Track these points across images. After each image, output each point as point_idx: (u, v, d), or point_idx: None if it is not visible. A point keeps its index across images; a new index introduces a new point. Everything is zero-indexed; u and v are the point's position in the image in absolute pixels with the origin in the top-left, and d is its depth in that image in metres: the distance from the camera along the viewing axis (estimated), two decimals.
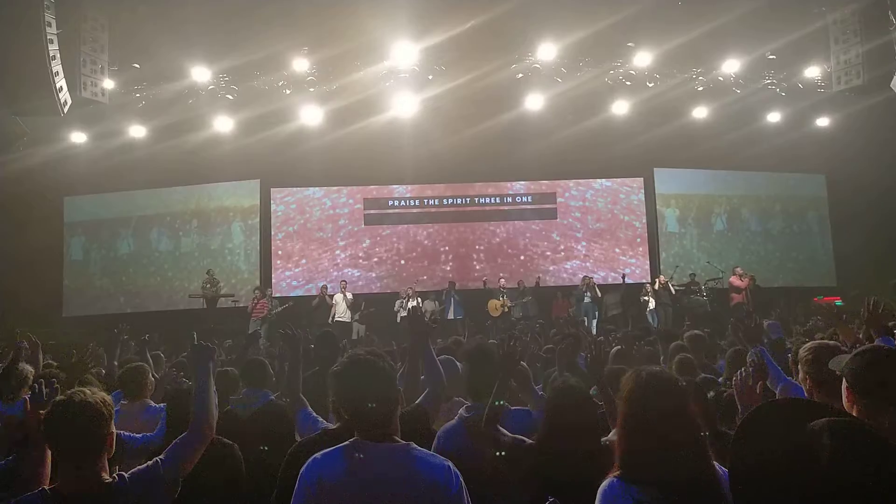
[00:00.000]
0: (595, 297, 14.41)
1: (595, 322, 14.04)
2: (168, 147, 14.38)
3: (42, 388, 2.65)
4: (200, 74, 12.96)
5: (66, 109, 10.76)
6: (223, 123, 14.14)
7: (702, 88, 14.50)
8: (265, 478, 2.91)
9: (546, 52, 13.06)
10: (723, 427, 2.96)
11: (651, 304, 14.31)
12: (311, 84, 13.66)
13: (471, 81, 13.30)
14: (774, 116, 15.24)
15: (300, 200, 16.41)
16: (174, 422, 3.09)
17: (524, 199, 16.84)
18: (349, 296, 14.22)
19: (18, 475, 2.46)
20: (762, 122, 15.35)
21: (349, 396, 2.16)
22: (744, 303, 13.89)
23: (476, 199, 16.77)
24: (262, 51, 12.46)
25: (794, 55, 13.55)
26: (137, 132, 14.26)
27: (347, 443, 2.12)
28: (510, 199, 16.82)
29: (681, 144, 15.34)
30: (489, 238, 16.62)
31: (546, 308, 14.78)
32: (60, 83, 10.44)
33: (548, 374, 4.77)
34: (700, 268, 15.79)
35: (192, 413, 2.57)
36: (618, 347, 5.27)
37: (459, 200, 16.73)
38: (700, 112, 14.88)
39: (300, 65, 13.03)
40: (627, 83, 14.23)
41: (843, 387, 2.18)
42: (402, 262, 16.36)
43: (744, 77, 14.22)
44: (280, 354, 6.22)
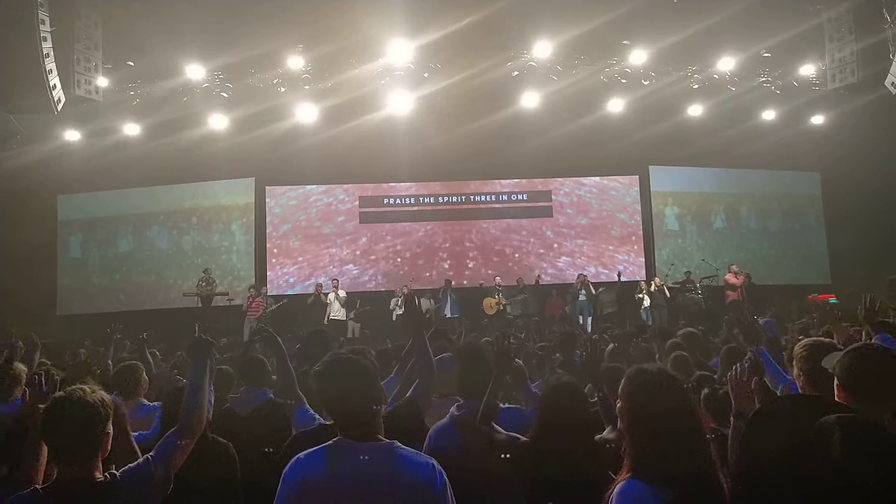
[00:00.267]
0: (590, 295, 14.43)
1: (590, 320, 14.06)
2: (162, 145, 14.29)
3: (42, 381, 2.64)
4: (195, 72, 12.92)
5: (60, 107, 10.73)
6: (218, 121, 14.10)
7: (697, 86, 14.50)
8: (266, 476, 2.90)
9: (541, 50, 13.06)
10: (716, 425, 2.97)
11: (646, 302, 14.33)
12: (307, 82, 13.62)
13: (466, 79, 13.26)
14: (769, 114, 15.25)
15: (295, 198, 16.38)
16: (169, 420, 3.08)
17: (519, 197, 16.84)
18: (342, 294, 14.20)
19: (14, 473, 2.45)
20: (757, 120, 15.36)
21: (331, 396, 2.16)
22: (739, 300, 13.89)
23: (472, 197, 16.76)
24: (257, 48, 12.41)
25: (789, 53, 13.57)
26: (131, 130, 14.20)
27: (331, 442, 2.12)
28: (505, 197, 16.82)
29: (676, 142, 15.34)
30: (484, 236, 16.62)
31: (541, 306, 14.81)
32: (54, 81, 10.41)
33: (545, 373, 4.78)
34: (695, 265, 15.81)
35: (183, 408, 2.54)
36: (612, 345, 5.28)
37: (455, 198, 16.72)
38: (695, 110, 14.88)
39: (295, 62, 12.99)
40: (623, 81, 14.22)
41: (835, 384, 2.20)
42: (398, 261, 16.34)
43: (739, 75, 14.23)
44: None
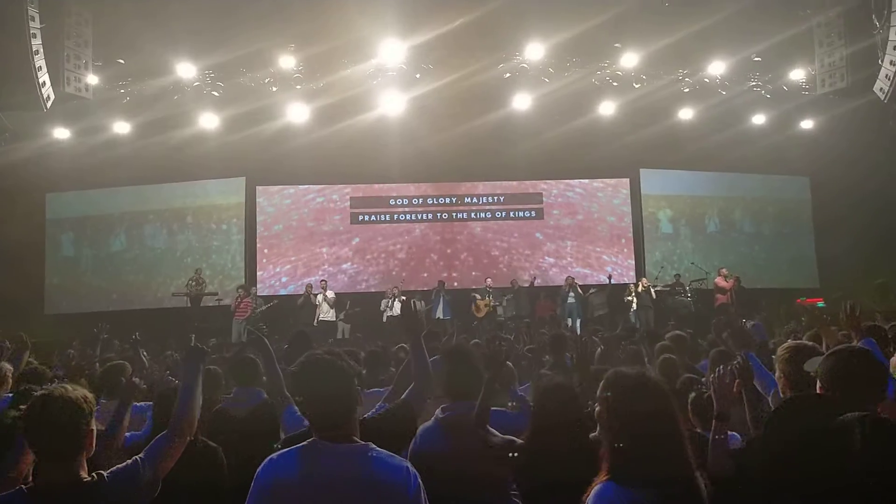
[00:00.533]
0: (578, 297, 14.44)
1: (579, 322, 14.08)
2: (153, 144, 14.20)
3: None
4: (186, 70, 12.88)
5: (49, 105, 10.69)
6: (208, 120, 14.04)
7: (688, 90, 14.58)
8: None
9: (533, 52, 13.09)
10: (702, 428, 2.98)
11: (635, 305, 14.35)
12: (298, 81, 13.61)
13: (458, 80, 13.27)
14: (759, 118, 15.31)
15: (286, 198, 16.32)
16: (162, 421, 3.07)
17: (511, 199, 16.84)
18: (330, 294, 14.14)
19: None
20: (747, 124, 15.41)
21: (306, 396, 2.15)
22: (728, 304, 13.94)
23: (463, 199, 16.76)
24: (249, 47, 12.39)
25: (779, 57, 13.67)
26: (121, 128, 14.10)
27: (305, 443, 2.11)
28: (497, 199, 16.82)
29: (667, 145, 15.38)
30: (475, 237, 16.60)
31: (532, 308, 14.80)
32: (43, 78, 10.37)
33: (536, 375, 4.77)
34: (685, 269, 15.87)
35: (174, 411, 2.55)
36: (600, 348, 5.29)
37: (446, 200, 16.71)
38: (686, 113, 14.94)
39: (287, 62, 12.98)
40: (614, 84, 14.28)
41: (817, 387, 2.22)
42: (389, 261, 16.31)
43: (729, 79, 14.31)
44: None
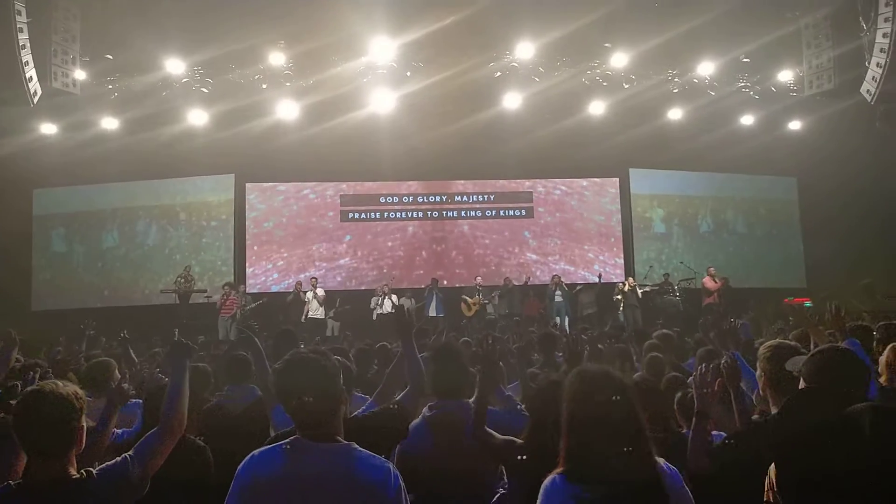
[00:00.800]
0: (565, 295, 14.45)
1: (567, 320, 14.11)
2: (141, 140, 14.09)
3: (34, 378, 2.61)
4: (174, 66, 12.80)
5: (36, 100, 10.61)
6: (197, 117, 13.95)
7: (677, 90, 14.63)
8: None
9: (524, 51, 13.11)
10: (687, 428, 2.99)
11: (622, 305, 14.40)
12: (288, 78, 13.55)
13: (449, 79, 13.26)
14: (748, 119, 15.39)
15: (276, 196, 16.28)
16: (150, 418, 3.06)
17: (500, 198, 16.86)
18: (320, 292, 14.09)
19: None
20: (736, 125, 15.47)
21: (289, 394, 2.14)
22: (715, 303, 14.00)
23: (453, 197, 16.76)
24: (238, 44, 12.33)
25: (768, 59, 13.76)
26: (109, 124, 13.97)
27: (287, 441, 2.12)
28: (487, 198, 16.84)
29: (656, 145, 15.44)
30: (465, 236, 16.62)
31: (517, 307, 14.79)
32: (30, 73, 10.29)
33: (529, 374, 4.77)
34: (673, 268, 15.94)
35: (163, 409, 2.54)
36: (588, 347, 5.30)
37: (436, 198, 16.71)
38: (675, 113, 14.99)
39: (277, 59, 12.93)
40: (604, 84, 14.31)
41: (800, 385, 2.24)
42: (379, 259, 16.30)
43: (718, 79, 14.37)
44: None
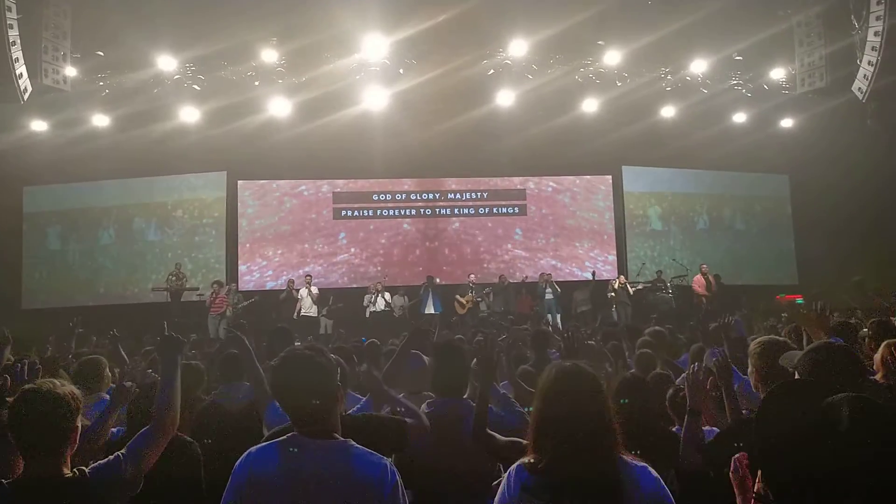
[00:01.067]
0: (555, 293, 14.45)
1: (559, 317, 14.12)
2: (132, 137, 14.01)
3: (23, 369, 2.59)
4: (166, 63, 12.73)
5: (27, 97, 10.52)
6: (189, 114, 13.87)
7: (670, 88, 14.67)
8: None
9: (517, 49, 13.11)
10: (679, 425, 2.99)
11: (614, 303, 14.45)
12: (280, 75, 13.50)
13: (442, 76, 13.25)
14: (740, 117, 15.45)
15: (268, 193, 16.23)
16: (136, 417, 3.02)
17: (494, 195, 16.86)
18: (314, 290, 14.03)
19: None
20: (728, 123, 15.54)
21: (285, 391, 2.14)
22: (702, 302, 14.10)
23: (446, 195, 16.75)
24: (231, 40, 12.29)
25: (760, 56, 13.80)
26: (100, 121, 13.90)
27: (283, 438, 2.12)
28: (480, 195, 16.84)
29: (649, 143, 15.48)
30: (458, 233, 16.62)
31: (513, 304, 14.81)
32: (20, 70, 10.21)
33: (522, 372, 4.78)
34: (666, 265, 15.99)
35: (155, 406, 2.51)
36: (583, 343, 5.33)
37: (429, 195, 16.69)
38: (668, 111, 15.03)
39: (269, 56, 12.88)
40: (597, 81, 14.33)
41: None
42: (372, 257, 16.28)
43: (711, 77, 14.42)
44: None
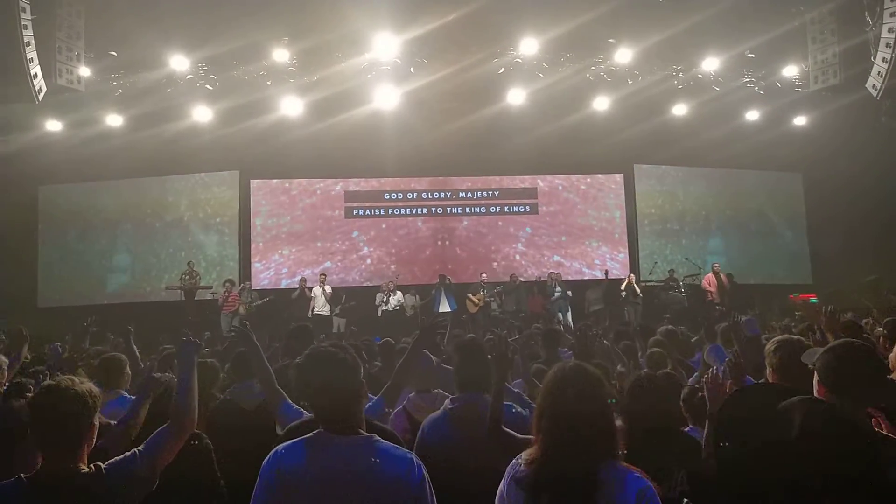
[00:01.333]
0: (564, 293, 14.40)
1: (570, 316, 14.09)
2: (146, 137, 14.09)
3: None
4: (179, 63, 12.78)
5: (41, 97, 10.61)
6: (202, 113, 13.94)
7: (682, 86, 14.57)
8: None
9: (528, 47, 13.07)
10: (693, 425, 2.98)
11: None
12: (292, 75, 13.54)
13: (452, 75, 13.24)
14: (753, 115, 15.32)
15: (280, 192, 16.28)
16: (150, 413, 3.05)
17: (505, 194, 16.84)
18: (328, 289, 14.08)
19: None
20: (741, 121, 15.41)
21: (311, 389, 2.16)
22: (714, 300, 14.09)
23: (458, 194, 16.75)
24: (242, 40, 12.33)
25: (773, 54, 13.68)
26: (114, 121, 13.99)
27: (310, 435, 2.13)
28: (491, 194, 16.82)
29: (661, 141, 15.40)
30: (470, 232, 16.61)
31: (524, 303, 14.79)
32: (35, 70, 10.29)
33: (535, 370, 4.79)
34: (678, 264, 15.93)
35: (174, 407, 2.54)
36: (596, 343, 5.32)
37: (441, 194, 16.69)
38: (680, 109, 14.94)
39: (281, 55, 12.91)
40: (608, 79, 14.26)
41: (815, 380, 2.23)
42: (383, 256, 16.31)
43: (723, 75, 14.31)
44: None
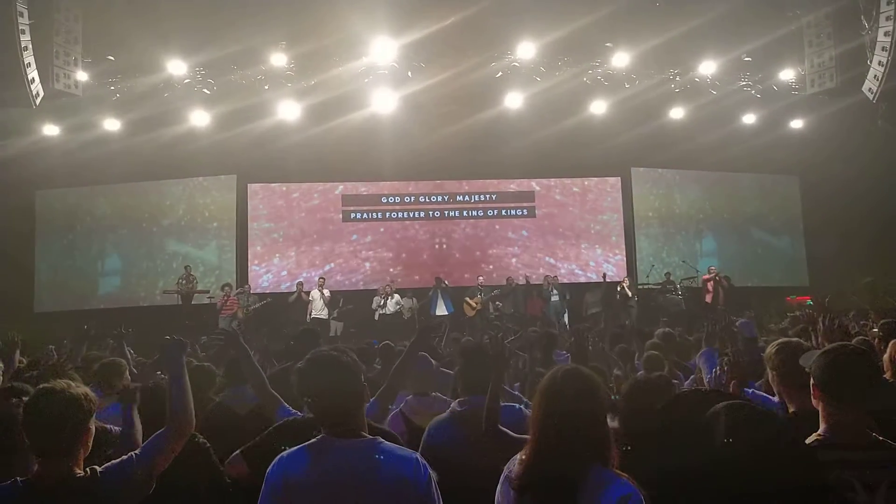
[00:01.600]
0: (561, 295, 14.38)
1: (566, 319, 14.09)
2: (143, 141, 14.08)
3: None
4: (176, 68, 12.79)
5: (38, 101, 10.60)
6: (199, 118, 13.94)
7: (678, 89, 14.60)
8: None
9: (525, 51, 13.08)
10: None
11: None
12: (290, 79, 13.55)
13: (450, 79, 13.25)
14: (749, 118, 15.36)
15: (278, 196, 16.27)
16: (144, 417, 3.04)
17: (502, 197, 16.85)
18: (327, 293, 14.06)
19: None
20: (737, 124, 15.44)
21: (313, 392, 2.16)
22: (712, 303, 14.12)
23: (455, 197, 16.75)
24: (240, 45, 12.33)
25: (769, 57, 13.72)
26: (112, 125, 13.98)
27: (313, 440, 2.12)
28: (489, 197, 16.83)
29: (658, 145, 15.43)
30: (468, 235, 16.61)
31: (521, 306, 14.79)
32: (32, 75, 10.28)
33: (527, 372, 4.80)
34: (675, 266, 15.94)
35: (169, 409, 2.50)
36: (591, 345, 5.33)
37: (438, 198, 16.71)
38: (677, 113, 14.97)
39: (278, 59, 12.92)
40: (605, 83, 14.29)
41: (811, 383, 2.23)
42: (381, 260, 16.30)
43: (720, 78, 14.34)
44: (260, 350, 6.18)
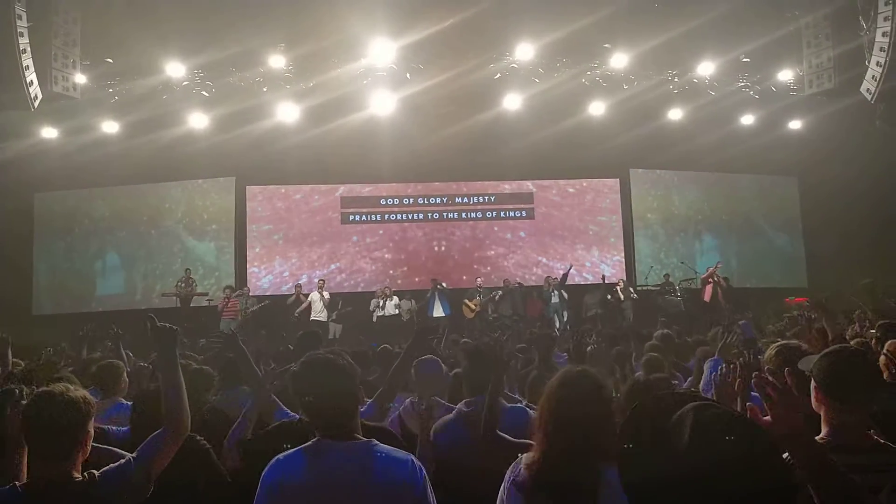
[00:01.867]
0: (561, 297, 14.40)
1: (566, 319, 14.08)
2: (142, 143, 14.05)
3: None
4: (175, 70, 12.78)
5: (37, 104, 10.59)
6: (198, 120, 13.92)
7: (677, 91, 14.61)
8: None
9: (523, 52, 13.09)
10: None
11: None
12: (288, 81, 13.54)
13: (448, 80, 13.25)
14: (748, 119, 15.36)
15: (276, 198, 16.27)
16: (141, 421, 3.01)
17: (501, 199, 16.85)
18: (326, 295, 14.04)
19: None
20: (736, 125, 15.45)
21: (308, 396, 2.15)
22: (711, 301, 14.14)
23: (454, 199, 16.75)
24: (238, 47, 12.33)
25: (768, 58, 13.73)
26: (110, 128, 13.95)
27: (309, 443, 2.12)
28: (487, 199, 16.83)
29: (656, 146, 15.44)
30: (466, 237, 16.61)
31: (520, 307, 14.77)
32: (31, 77, 10.27)
33: (525, 373, 4.79)
34: (674, 267, 15.95)
35: (165, 410, 2.46)
36: (591, 347, 5.33)
37: (437, 200, 16.70)
38: (675, 114, 14.98)
39: (277, 61, 12.92)
40: (604, 84, 14.29)
41: (812, 386, 2.22)
42: (379, 262, 16.29)
43: (718, 79, 14.35)
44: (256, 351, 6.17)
